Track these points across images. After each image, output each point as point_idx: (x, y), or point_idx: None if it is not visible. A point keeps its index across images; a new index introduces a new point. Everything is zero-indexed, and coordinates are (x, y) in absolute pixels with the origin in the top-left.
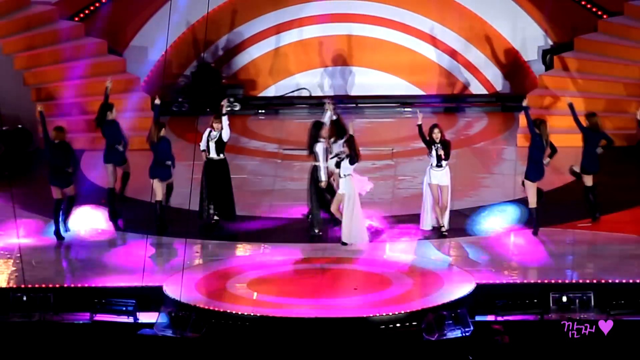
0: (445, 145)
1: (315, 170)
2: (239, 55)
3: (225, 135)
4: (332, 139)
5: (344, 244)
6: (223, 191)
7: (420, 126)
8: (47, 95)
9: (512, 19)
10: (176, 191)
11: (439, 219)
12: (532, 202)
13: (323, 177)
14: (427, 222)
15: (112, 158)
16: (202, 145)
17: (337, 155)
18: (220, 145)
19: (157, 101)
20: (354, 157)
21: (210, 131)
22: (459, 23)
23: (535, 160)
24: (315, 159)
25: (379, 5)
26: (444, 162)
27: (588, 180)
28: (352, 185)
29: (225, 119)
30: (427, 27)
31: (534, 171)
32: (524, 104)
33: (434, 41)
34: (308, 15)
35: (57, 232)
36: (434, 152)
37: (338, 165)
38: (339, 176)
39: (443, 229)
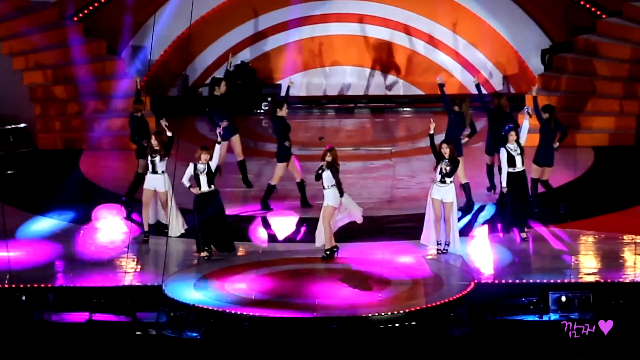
0: (454, 163)
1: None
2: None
3: (214, 165)
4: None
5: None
6: (218, 223)
7: (432, 135)
8: (46, 95)
9: (512, 19)
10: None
11: (439, 236)
12: (463, 177)
13: (503, 182)
14: (427, 237)
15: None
16: (186, 181)
17: (320, 167)
18: (211, 176)
19: (290, 82)
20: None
21: (196, 164)
22: (459, 23)
23: (455, 138)
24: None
25: (379, 5)
26: (447, 179)
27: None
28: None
29: (217, 148)
30: (427, 27)
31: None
32: (439, 81)
33: (433, 41)
34: (308, 15)
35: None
36: (439, 167)
37: (319, 177)
38: (323, 187)
39: (441, 247)
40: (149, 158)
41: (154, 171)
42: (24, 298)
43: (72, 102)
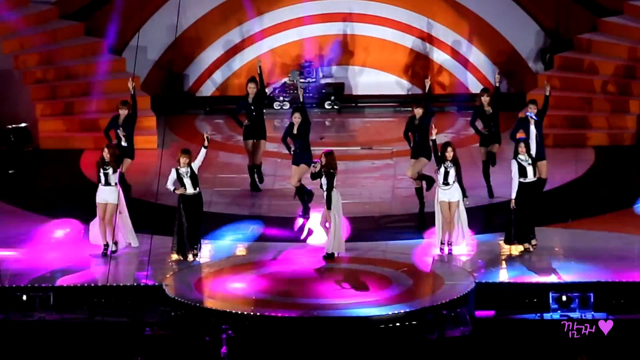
0: (457, 165)
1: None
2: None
3: (196, 167)
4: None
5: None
6: (198, 226)
7: (434, 141)
8: (46, 95)
9: (511, 18)
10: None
11: (444, 237)
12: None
13: (513, 194)
14: (438, 242)
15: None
16: (170, 185)
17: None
18: (195, 178)
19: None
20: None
21: (178, 169)
22: (458, 23)
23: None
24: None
25: (379, 4)
26: (450, 180)
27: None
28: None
29: (203, 151)
30: (427, 27)
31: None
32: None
33: (433, 41)
34: (308, 15)
35: None
36: (442, 170)
37: (315, 177)
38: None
39: (444, 247)
40: (102, 170)
41: (107, 183)
42: (25, 298)
43: (73, 101)
